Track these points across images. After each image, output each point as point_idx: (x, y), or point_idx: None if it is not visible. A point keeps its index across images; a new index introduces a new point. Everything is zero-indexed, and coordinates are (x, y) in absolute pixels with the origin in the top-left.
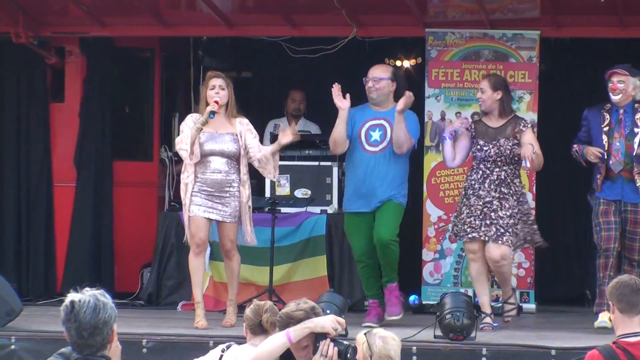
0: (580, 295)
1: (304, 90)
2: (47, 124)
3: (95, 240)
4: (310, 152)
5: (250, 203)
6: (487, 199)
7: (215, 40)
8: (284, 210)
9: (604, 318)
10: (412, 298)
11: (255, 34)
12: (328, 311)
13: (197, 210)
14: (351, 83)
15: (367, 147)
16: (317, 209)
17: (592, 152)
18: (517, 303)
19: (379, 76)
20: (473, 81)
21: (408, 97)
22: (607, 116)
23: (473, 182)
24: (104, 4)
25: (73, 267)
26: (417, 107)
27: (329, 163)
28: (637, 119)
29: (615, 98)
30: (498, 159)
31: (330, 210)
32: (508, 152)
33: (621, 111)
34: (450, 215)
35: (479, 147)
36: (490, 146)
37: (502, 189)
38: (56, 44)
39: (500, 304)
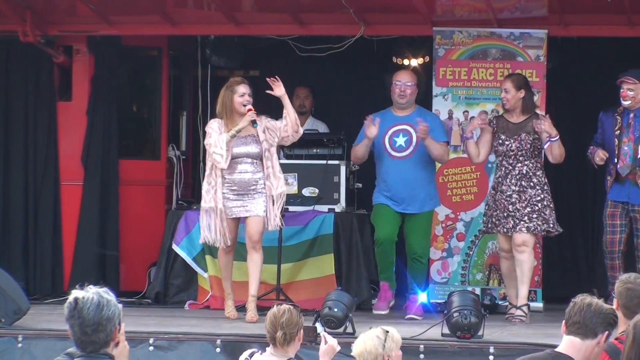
0: (588, 292)
1: (308, 87)
2: (55, 122)
3: (102, 239)
4: (318, 150)
5: (279, 191)
6: (508, 193)
7: (223, 39)
8: (291, 208)
9: None
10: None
11: (263, 33)
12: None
13: (229, 210)
14: (359, 82)
15: (392, 152)
16: (324, 208)
17: (597, 155)
18: (527, 313)
19: (410, 82)
20: (480, 80)
21: (423, 128)
22: (619, 119)
23: (499, 178)
24: (111, 2)
25: (80, 265)
26: (425, 105)
27: (336, 162)
28: None
29: (625, 104)
30: (519, 153)
31: (337, 209)
32: (529, 146)
33: (631, 115)
34: (458, 213)
35: (500, 141)
36: (512, 140)
37: (523, 183)
38: (64, 43)
39: (507, 304)
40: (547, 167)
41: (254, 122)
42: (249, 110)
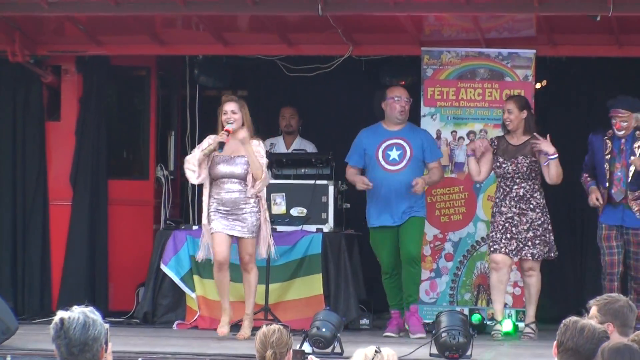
0: (577, 314)
1: (294, 107)
2: (43, 142)
3: (91, 259)
4: (306, 170)
5: (266, 216)
6: (509, 215)
7: (211, 59)
8: (279, 228)
9: None
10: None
11: (251, 53)
12: (324, 329)
13: (217, 226)
14: (347, 101)
15: (386, 166)
16: (313, 228)
17: (592, 198)
18: (536, 330)
19: (407, 98)
20: (469, 100)
21: (420, 184)
22: (609, 143)
23: (497, 200)
24: (100, 23)
25: (68, 285)
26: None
27: (324, 182)
28: (635, 147)
29: (619, 134)
30: (516, 175)
31: (326, 229)
32: (525, 169)
33: (623, 140)
34: (447, 233)
35: (498, 164)
36: (509, 163)
37: (521, 205)
38: (52, 63)
39: (493, 324)
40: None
41: (219, 146)
42: (226, 130)
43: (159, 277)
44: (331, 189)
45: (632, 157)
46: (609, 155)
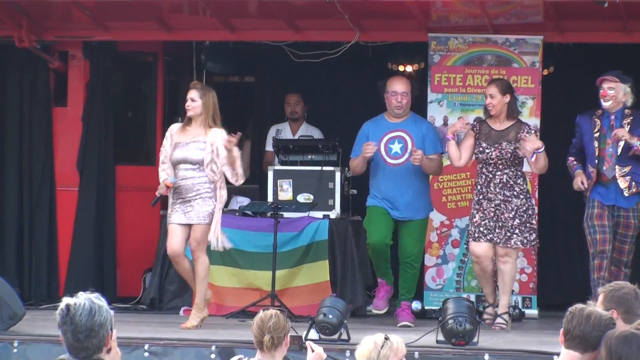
0: (583, 300)
1: (299, 93)
2: (50, 128)
3: (98, 244)
4: (313, 157)
5: (220, 206)
6: (497, 202)
7: (218, 45)
8: (286, 215)
9: None
10: (414, 305)
11: (258, 39)
12: (330, 315)
13: (172, 218)
14: (354, 88)
15: (388, 159)
16: (319, 214)
17: (577, 182)
18: (509, 321)
19: (406, 91)
20: (476, 86)
21: (418, 157)
22: (598, 122)
23: (480, 186)
24: (107, 8)
25: (76, 271)
26: (420, 112)
27: (331, 168)
28: (624, 123)
29: (605, 104)
30: (499, 162)
31: (332, 215)
32: (509, 155)
33: (612, 117)
34: (453, 220)
35: (481, 149)
36: (492, 149)
37: (506, 192)
38: (59, 48)
39: (483, 307)
40: (543, 174)
41: (155, 199)
42: (166, 184)
43: (166, 263)
44: (338, 175)
45: (616, 130)
46: (598, 133)
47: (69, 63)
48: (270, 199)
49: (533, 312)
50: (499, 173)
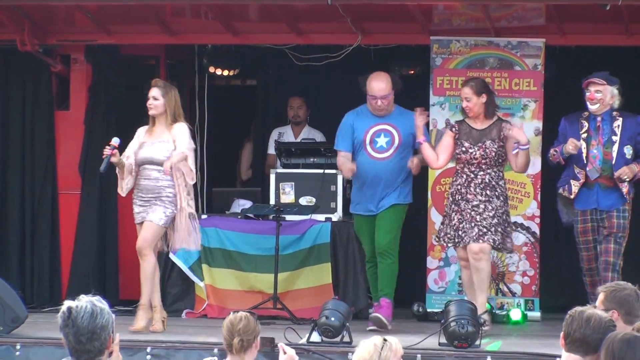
0: (585, 303)
1: (302, 96)
2: (52, 131)
3: (100, 247)
4: (315, 159)
5: (189, 210)
6: (475, 203)
7: (220, 48)
8: (288, 217)
9: None
10: (415, 307)
11: (260, 42)
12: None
13: (135, 217)
14: (356, 91)
15: (372, 153)
16: (321, 217)
17: (569, 144)
18: (488, 321)
19: (385, 92)
20: None
21: (416, 164)
22: (585, 124)
23: (459, 187)
24: (109, 12)
25: (78, 274)
26: None
27: (333, 171)
28: (615, 127)
29: (592, 108)
30: (483, 162)
31: (334, 218)
32: (493, 154)
33: (599, 119)
34: None
35: (463, 149)
36: (476, 148)
37: (487, 192)
38: (62, 52)
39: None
40: (544, 174)
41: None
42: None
43: (168, 266)
44: (340, 178)
45: (618, 171)
46: (586, 134)
47: (72, 67)
48: (272, 201)
49: (536, 314)
50: (481, 173)
